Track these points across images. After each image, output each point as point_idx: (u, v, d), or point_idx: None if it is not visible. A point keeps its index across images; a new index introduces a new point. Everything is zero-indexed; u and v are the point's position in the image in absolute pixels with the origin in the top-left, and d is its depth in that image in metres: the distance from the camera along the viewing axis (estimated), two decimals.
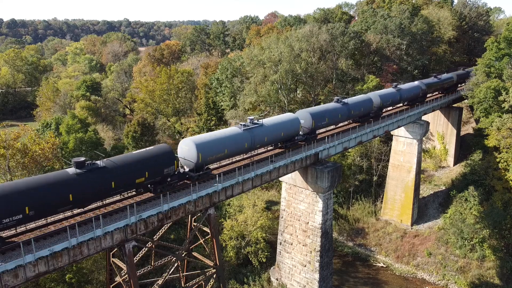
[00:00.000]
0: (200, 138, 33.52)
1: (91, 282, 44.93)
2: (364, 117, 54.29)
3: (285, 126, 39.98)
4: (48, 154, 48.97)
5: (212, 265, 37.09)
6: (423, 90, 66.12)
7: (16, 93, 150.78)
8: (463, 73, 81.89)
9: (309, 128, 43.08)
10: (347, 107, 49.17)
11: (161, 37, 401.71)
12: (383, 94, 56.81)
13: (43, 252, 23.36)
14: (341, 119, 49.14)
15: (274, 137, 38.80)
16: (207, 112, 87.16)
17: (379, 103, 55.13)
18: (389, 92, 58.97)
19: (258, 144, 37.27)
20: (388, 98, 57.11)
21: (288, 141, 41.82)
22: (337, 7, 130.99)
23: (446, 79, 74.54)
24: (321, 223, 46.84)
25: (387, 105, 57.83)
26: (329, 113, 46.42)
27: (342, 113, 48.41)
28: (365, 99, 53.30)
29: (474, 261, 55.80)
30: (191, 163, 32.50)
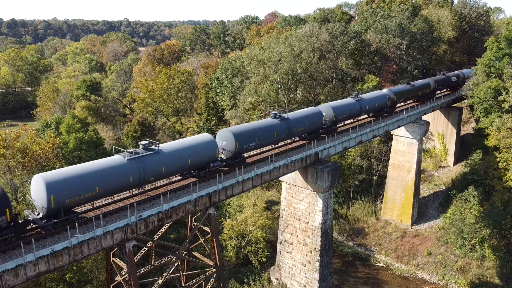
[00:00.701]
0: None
1: (91, 281, 44.95)
2: (312, 133, 45.93)
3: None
4: (48, 154, 49.02)
5: (212, 264, 37.13)
6: (391, 99, 58.20)
7: (16, 93, 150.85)
8: (442, 79, 74.03)
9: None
10: None
11: (161, 37, 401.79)
12: (338, 106, 48.77)
13: (44, 252, 23.41)
14: None
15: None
16: (207, 112, 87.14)
17: (332, 117, 47.55)
18: (346, 103, 50.71)
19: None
20: (344, 110, 49.10)
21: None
22: (337, 7, 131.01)
23: (420, 86, 66.27)
24: (321, 222, 46.87)
25: (343, 118, 49.70)
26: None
27: None
28: (315, 112, 45.49)
29: (474, 261, 55.83)
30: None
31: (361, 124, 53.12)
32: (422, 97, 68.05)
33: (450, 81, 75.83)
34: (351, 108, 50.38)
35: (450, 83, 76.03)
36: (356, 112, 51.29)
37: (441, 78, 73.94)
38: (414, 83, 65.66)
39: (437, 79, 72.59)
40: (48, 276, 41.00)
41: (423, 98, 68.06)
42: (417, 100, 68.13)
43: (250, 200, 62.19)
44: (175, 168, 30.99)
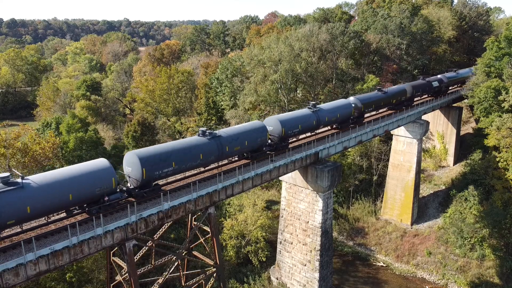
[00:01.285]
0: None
1: (91, 281, 44.98)
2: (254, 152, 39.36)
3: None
4: (48, 154, 49.12)
5: (212, 264, 37.17)
6: (357, 109, 52.00)
7: (16, 93, 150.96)
8: (421, 84, 66.92)
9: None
10: None
11: (161, 37, 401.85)
12: (288, 119, 41.45)
13: (44, 251, 23.45)
14: None
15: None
16: (207, 112, 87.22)
17: (280, 132, 40.52)
18: (299, 115, 43.47)
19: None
20: (295, 124, 42.00)
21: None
22: (337, 7, 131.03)
23: (394, 93, 59.72)
24: (321, 222, 46.92)
25: (295, 133, 42.70)
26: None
27: None
28: (257, 127, 38.72)
29: (474, 261, 55.87)
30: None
31: (320, 138, 46.84)
32: (398, 105, 61.19)
33: (430, 87, 68.96)
34: (306, 120, 43.15)
35: (431, 89, 69.29)
36: (312, 125, 44.07)
37: (419, 84, 66.76)
38: (387, 89, 59.09)
39: (415, 84, 65.60)
40: (48, 276, 41.07)
41: (399, 106, 61.15)
42: (391, 109, 61.00)
43: (250, 200, 62.24)
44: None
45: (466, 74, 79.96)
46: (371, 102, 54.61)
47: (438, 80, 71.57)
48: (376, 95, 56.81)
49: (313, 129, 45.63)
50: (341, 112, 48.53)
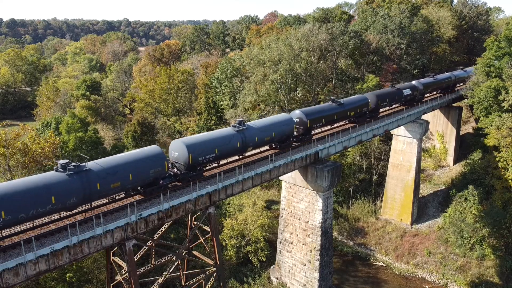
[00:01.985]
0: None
1: (91, 281, 44.98)
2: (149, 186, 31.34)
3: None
4: (48, 154, 49.07)
5: (212, 264, 37.17)
6: (303, 125, 44.12)
7: (16, 93, 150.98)
8: (388, 93, 59.09)
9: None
10: None
11: (161, 37, 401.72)
12: (200, 142, 33.55)
13: (44, 251, 23.44)
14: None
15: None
16: (207, 112, 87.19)
17: (186, 160, 32.31)
18: (218, 136, 35.46)
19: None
20: (210, 148, 33.80)
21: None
22: (337, 7, 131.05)
23: (353, 104, 51.45)
24: (321, 222, 46.92)
25: (209, 159, 34.21)
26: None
27: None
28: (149, 154, 30.77)
29: (473, 260, 55.88)
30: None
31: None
32: (359, 117, 53.82)
33: (401, 95, 61.30)
34: (227, 142, 35.17)
35: (400, 98, 61.45)
36: (236, 148, 35.99)
37: (386, 92, 59.42)
38: (343, 100, 50.49)
39: (380, 93, 58.02)
40: (48, 276, 41.07)
41: (360, 119, 53.71)
42: (351, 122, 53.98)
43: (250, 200, 62.26)
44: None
45: (446, 79, 75.21)
46: (321, 117, 45.89)
47: (411, 87, 64.05)
48: (328, 107, 48.27)
49: (237, 152, 37.16)
50: (278, 129, 40.10)
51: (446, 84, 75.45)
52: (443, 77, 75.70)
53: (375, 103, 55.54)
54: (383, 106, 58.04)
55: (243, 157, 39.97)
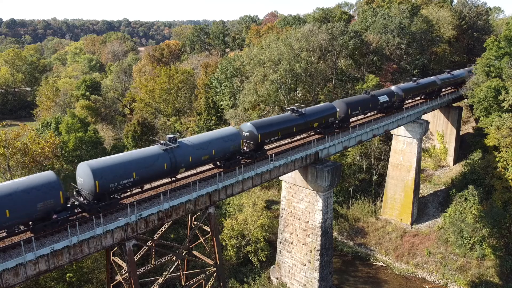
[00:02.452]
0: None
1: (91, 281, 44.95)
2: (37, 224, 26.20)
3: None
4: (48, 154, 49.01)
5: (212, 264, 37.14)
6: (251, 139, 38.39)
7: (15, 93, 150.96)
8: (363, 100, 53.17)
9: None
10: None
11: (160, 37, 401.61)
12: (110, 166, 27.87)
13: (44, 251, 23.42)
14: None
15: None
16: (207, 112, 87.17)
17: (92, 189, 26.92)
18: (142, 156, 29.85)
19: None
20: (124, 172, 28.16)
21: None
22: (337, 7, 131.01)
23: (317, 114, 44.64)
24: (321, 222, 46.89)
25: (124, 186, 28.50)
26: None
27: None
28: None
29: (473, 260, 55.87)
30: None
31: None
32: (326, 128, 47.28)
33: (376, 103, 55.26)
34: (150, 164, 29.72)
35: (375, 105, 55.39)
36: (162, 170, 30.58)
37: (358, 100, 53.16)
38: (305, 110, 43.97)
39: (351, 101, 51.73)
40: (48, 276, 41.05)
41: (326, 130, 47.09)
42: (318, 133, 47.85)
43: (250, 200, 62.24)
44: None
45: (430, 83, 69.32)
46: (276, 130, 40.44)
47: (389, 93, 58.42)
48: (286, 118, 42.49)
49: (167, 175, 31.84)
50: (219, 146, 34.62)
51: (430, 89, 69.25)
52: (426, 81, 69.38)
53: (344, 112, 49.47)
54: (354, 115, 51.73)
55: (176, 179, 33.61)
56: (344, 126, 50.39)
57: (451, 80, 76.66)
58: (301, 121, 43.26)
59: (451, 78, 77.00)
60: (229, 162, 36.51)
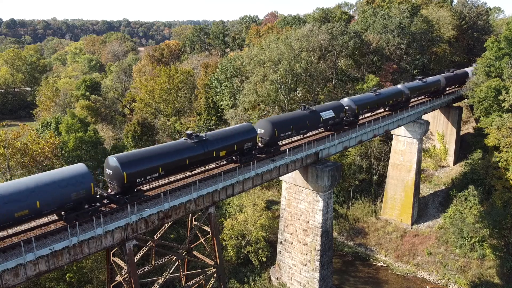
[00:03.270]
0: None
1: (91, 281, 44.87)
2: None
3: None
4: (48, 154, 48.92)
5: (213, 264, 37.07)
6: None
7: (15, 93, 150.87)
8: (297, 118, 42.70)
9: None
10: None
11: (160, 37, 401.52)
12: None
13: (44, 251, 23.36)
14: None
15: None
16: (207, 112, 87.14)
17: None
18: None
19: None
20: None
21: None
22: (337, 7, 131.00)
23: (226, 140, 35.56)
24: (322, 222, 46.83)
25: None
26: None
27: None
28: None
29: (474, 260, 55.82)
30: None
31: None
32: (244, 155, 37.89)
33: (316, 120, 44.72)
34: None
35: (316, 123, 44.91)
36: None
37: (291, 118, 42.76)
38: (206, 135, 34.70)
39: (280, 120, 41.31)
40: (48, 276, 40.98)
41: (245, 157, 37.72)
42: (238, 160, 38.37)
43: (250, 200, 62.16)
44: None
45: (393, 94, 58.78)
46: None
47: (336, 107, 48.00)
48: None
49: None
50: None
51: (394, 100, 58.55)
52: (389, 91, 58.85)
53: (270, 135, 39.52)
54: (283, 138, 41.49)
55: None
56: (269, 151, 40.52)
57: (422, 88, 65.35)
58: (200, 151, 34.82)
59: (422, 85, 65.50)
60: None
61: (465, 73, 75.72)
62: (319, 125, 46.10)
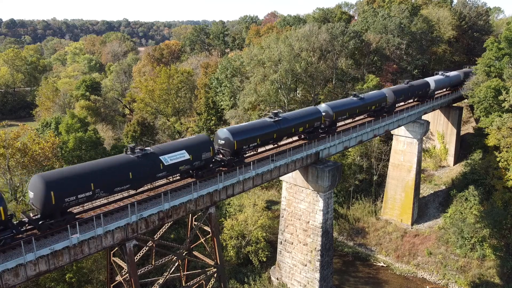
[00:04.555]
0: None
1: (91, 281, 44.80)
2: None
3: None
4: (48, 154, 48.89)
5: (213, 264, 37.03)
6: None
7: (15, 93, 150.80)
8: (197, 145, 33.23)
9: None
10: None
11: (160, 37, 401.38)
12: None
13: (44, 251, 23.30)
14: None
15: None
16: (207, 112, 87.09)
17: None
18: None
19: None
20: None
21: None
22: (337, 7, 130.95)
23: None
24: (322, 222, 46.79)
25: None
26: None
27: None
28: None
29: (474, 261, 55.79)
30: None
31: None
32: None
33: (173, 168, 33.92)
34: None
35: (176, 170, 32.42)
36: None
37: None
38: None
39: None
40: (48, 276, 40.91)
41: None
42: None
43: (250, 200, 62.14)
44: None
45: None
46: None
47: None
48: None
49: None
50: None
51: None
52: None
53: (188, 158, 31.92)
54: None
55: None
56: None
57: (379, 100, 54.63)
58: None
59: (379, 96, 55.40)
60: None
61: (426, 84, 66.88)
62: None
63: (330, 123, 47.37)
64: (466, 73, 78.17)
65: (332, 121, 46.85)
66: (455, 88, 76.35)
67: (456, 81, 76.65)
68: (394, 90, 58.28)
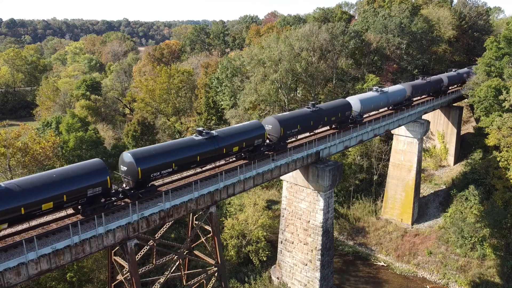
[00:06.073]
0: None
1: (91, 281, 44.87)
2: None
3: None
4: (49, 153, 48.96)
5: (214, 263, 37.08)
6: None
7: (15, 93, 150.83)
8: None
9: None
10: None
11: (160, 37, 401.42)
12: None
13: (45, 250, 23.35)
14: None
15: None
16: (207, 112, 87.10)
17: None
18: None
19: None
20: None
21: None
22: (337, 7, 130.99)
23: None
24: (322, 221, 46.84)
25: None
26: None
27: None
28: None
29: (474, 260, 55.84)
30: None
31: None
32: None
33: None
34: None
35: None
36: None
37: None
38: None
39: None
40: (49, 275, 41.00)
41: None
42: None
43: (250, 199, 62.20)
44: None
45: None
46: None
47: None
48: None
49: None
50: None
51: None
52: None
53: None
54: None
55: None
56: None
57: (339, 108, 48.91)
58: None
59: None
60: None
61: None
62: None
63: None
64: None
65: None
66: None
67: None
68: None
